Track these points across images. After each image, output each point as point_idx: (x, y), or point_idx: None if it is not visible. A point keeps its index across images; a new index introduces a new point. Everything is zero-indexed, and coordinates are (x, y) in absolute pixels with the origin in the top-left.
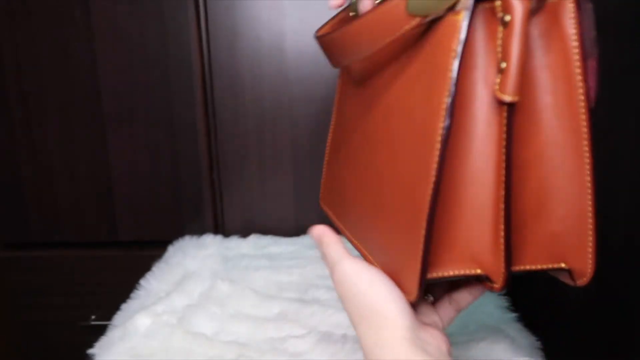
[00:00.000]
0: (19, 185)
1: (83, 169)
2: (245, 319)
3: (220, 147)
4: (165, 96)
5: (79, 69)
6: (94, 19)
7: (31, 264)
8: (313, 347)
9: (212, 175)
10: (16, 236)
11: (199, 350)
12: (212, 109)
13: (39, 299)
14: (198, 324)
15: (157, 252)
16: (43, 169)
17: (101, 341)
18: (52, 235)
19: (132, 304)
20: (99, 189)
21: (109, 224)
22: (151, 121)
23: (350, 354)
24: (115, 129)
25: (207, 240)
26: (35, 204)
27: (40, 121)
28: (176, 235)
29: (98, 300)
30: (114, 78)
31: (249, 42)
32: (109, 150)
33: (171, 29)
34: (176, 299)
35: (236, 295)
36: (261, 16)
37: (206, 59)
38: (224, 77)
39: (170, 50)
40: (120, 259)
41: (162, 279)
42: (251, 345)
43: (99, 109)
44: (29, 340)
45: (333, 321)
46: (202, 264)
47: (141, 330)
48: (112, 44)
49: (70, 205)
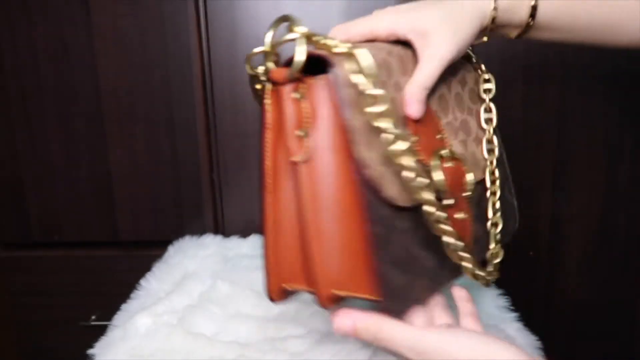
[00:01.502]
0: (19, 185)
1: (83, 169)
2: (245, 319)
3: (220, 147)
4: (165, 96)
5: (79, 69)
6: (94, 19)
7: (31, 264)
8: (313, 347)
9: (212, 175)
10: (16, 236)
11: (199, 350)
12: (212, 109)
13: (39, 299)
14: (198, 324)
15: (157, 252)
16: (43, 169)
17: (101, 341)
18: (52, 235)
19: (132, 304)
20: (99, 189)
21: (109, 224)
22: (151, 121)
23: (351, 353)
24: (115, 129)
25: (207, 240)
26: (35, 204)
27: (40, 121)
28: (176, 235)
29: (98, 300)
30: (114, 78)
31: (249, 42)
32: (109, 150)
33: (171, 30)
34: (176, 299)
35: (236, 295)
36: (261, 16)
37: (206, 59)
38: (224, 77)
39: (170, 50)
40: (120, 259)
41: (162, 279)
42: (251, 345)
43: (99, 109)
44: (29, 340)
45: None
46: (202, 264)
47: (141, 331)
48: (112, 44)
49: (70, 205)
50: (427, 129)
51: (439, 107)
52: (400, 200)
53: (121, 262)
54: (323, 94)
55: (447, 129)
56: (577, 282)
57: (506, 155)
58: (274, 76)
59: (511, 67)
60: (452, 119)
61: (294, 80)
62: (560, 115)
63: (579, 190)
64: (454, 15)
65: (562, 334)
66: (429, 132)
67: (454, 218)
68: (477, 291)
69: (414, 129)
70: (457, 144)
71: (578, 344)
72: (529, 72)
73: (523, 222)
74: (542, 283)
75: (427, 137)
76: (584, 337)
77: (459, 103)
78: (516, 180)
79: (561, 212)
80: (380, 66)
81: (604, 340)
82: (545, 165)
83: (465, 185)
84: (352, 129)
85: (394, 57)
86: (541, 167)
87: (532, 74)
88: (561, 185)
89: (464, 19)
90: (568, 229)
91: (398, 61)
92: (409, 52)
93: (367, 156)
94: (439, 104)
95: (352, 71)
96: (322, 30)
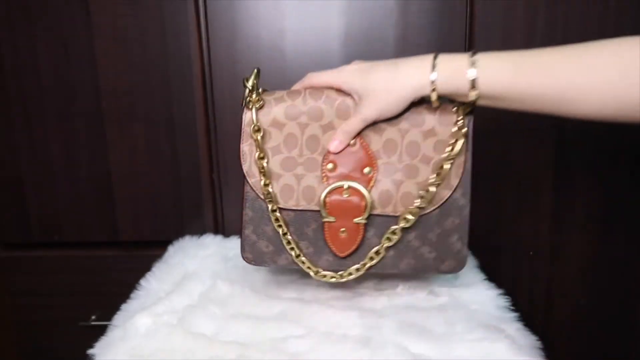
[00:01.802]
0: (19, 185)
1: (83, 169)
2: (245, 319)
3: (220, 147)
4: (165, 96)
5: (79, 69)
6: (94, 19)
7: (31, 264)
8: (313, 347)
9: (212, 175)
10: (16, 236)
11: (199, 350)
12: (212, 109)
13: (39, 299)
14: (198, 324)
15: (157, 252)
16: (43, 169)
17: (101, 341)
18: (52, 235)
19: (132, 304)
20: (99, 189)
21: (109, 224)
22: (151, 121)
23: (350, 354)
24: (115, 129)
25: (207, 240)
26: (35, 204)
27: (40, 121)
28: (176, 235)
29: (98, 300)
30: (114, 78)
31: (249, 41)
32: (109, 150)
33: (171, 29)
34: (176, 299)
35: (236, 295)
36: (261, 16)
37: (206, 59)
38: (224, 77)
39: (170, 50)
40: (120, 259)
41: (162, 279)
42: (251, 345)
43: (99, 109)
44: (29, 340)
45: (333, 321)
46: (202, 264)
47: (141, 331)
48: (112, 44)
49: (70, 205)
50: (349, 161)
51: (382, 148)
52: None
53: (121, 262)
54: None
55: (382, 167)
56: (577, 282)
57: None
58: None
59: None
60: (395, 160)
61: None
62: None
63: (579, 190)
64: (389, 84)
65: (562, 334)
66: (350, 165)
67: (331, 227)
68: (478, 291)
69: (333, 159)
70: (388, 181)
71: (578, 344)
72: None
73: (523, 222)
74: (542, 283)
75: (346, 168)
76: (584, 337)
77: (411, 150)
78: (516, 180)
79: (561, 212)
80: (309, 111)
81: (604, 340)
82: (545, 165)
83: (356, 213)
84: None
85: (335, 105)
86: (541, 167)
87: None
88: (561, 185)
89: (397, 89)
90: (568, 229)
91: (338, 108)
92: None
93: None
94: (384, 146)
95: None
96: (322, 30)
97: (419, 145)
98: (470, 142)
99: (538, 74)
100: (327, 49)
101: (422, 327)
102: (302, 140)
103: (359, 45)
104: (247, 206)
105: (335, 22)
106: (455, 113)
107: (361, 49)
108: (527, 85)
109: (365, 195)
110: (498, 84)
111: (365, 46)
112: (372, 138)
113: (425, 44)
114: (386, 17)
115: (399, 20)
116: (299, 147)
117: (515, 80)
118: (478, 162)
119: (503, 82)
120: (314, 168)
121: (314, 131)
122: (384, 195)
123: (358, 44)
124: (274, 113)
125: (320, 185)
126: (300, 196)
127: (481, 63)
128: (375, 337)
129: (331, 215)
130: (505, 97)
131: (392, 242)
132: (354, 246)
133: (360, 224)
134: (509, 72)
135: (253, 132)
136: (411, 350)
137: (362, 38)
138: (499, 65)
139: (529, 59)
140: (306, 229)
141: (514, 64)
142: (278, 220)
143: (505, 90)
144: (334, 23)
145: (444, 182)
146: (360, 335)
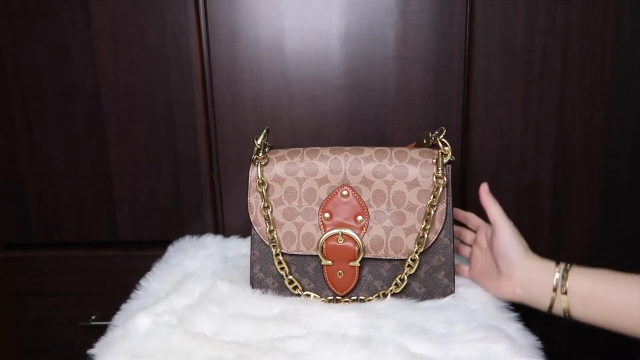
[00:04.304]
0: (19, 185)
1: (83, 169)
2: (245, 319)
3: (220, 147)
4: (165, 96)
5: (79, 69)
6: (94, 19)
7: (31, 264)
8: (313, 347)
9: (212, 175)
10: (16, 236)
11: (199, 350)
12: (212, 109)
13: (39, 299)
14: (198, 324)
15: (157, 252)
16: (43, 169)
17: (101, 341)
18: (52, 235)
19: (132, 304)
20: (99, 189)
21: (109, 224)
22: (151, 121)
23: (350, 354)
24: (115, 129)
25: (207, 240)
26: (35, 204)
27: (40, 121)
28: (176, 235)
29: (98, 300)
30: (114, 78)
31: (249, 41)
32: (109, 150)
33: (171, 29)
34: (176, 299)
35: (236, 295)
36: (261, 16)
37: (206, 59)
38: (224, 77)
39: (170, 50)
40: (120, 259)
41: (162, 279)
42: (251, 345)
43: (99, 109)
44: (29, 340)
45: (333, 321)
46: (202, 264)
47: (141, 331)
48: (112, 44)
49: (70, 205)
50: (343, 211)
51: (372, 198)
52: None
53: (121, 262)
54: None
55: (373, 215)
56: None
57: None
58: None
59: (511, 67)
60: (384, 209)
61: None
62: (560, 114)
63: (579, 190)
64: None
65: (562, 334)
66: (345, 213)
67: (330, 269)
68: (478, 291)
69: (329, 209)
70: (379, 227)
71: (578, 344)
72: (529, 72)
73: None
74: None
75: (341, 216)
76: (584, 337)
77: (397, 199)
78: (516, 180)
79: (561, 212)
80: (305, 167)
81: (604, 340)
82: (545, 165)
83: (351, 256)
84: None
85: (328, 162)
86: (541, 167)
87: (532, 73)
88: (561, 185)
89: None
90: (568, 229)
91: (331, 164)
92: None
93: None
94: (373, 196)
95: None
96: (322, 30)
97: (404, 195)
98: (450, 190)
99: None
100: (327, 49)
101: (422, 327)
102: (301, 193)
103: (359, 45)
104: (255, 247)
105: (335, 22)
106: (434, 165)
107: (361, 49)
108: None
109: (358, 241)
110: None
111: (365, 46)
112: (363, 190)
113: (425, 44)
114: (386, 17)
115: (399, 20)
116: (298, 199)
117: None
118: (478, 162)
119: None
120: (312, 217)
121: (311, 185)
122: (375, 240)
123: (358, 44)
124: (275, 170)
125: (318, 232)
126: (300, 242)
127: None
128: (375, 337)
129: (328, 259)
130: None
131: (399, 289)
132: (351, 286)
133: (356, 267)
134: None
135: (258, 185)
136: (411, 350)
137: (362, 38)
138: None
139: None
140: (307, 267)
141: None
142: (281, 262)
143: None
144: (334, 23)
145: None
146: (360, 335)
